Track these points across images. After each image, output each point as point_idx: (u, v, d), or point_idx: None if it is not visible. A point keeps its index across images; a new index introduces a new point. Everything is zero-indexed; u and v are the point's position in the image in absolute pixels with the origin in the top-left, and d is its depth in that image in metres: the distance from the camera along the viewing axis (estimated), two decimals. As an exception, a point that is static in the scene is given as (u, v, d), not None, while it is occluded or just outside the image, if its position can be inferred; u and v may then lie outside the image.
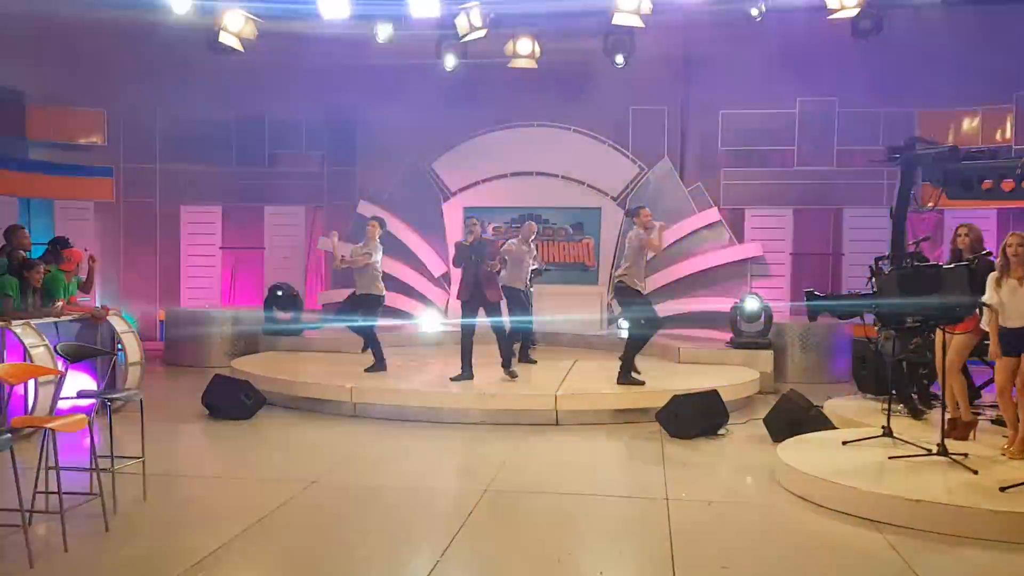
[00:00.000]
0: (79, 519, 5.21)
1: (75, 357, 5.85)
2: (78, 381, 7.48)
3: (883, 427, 6.68)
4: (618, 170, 13.74)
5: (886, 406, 6.98)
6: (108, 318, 8.88)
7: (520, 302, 10.48)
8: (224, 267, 14.69)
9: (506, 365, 9.21)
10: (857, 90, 13.29)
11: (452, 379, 9.04)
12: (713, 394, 8.20)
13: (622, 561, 4.86)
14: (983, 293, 6.07)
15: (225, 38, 11.69)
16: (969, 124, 13.17)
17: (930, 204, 11.92)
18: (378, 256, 9.82)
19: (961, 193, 6.87)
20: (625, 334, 9.87)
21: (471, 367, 9.12)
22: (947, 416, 6.52)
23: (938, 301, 5.87)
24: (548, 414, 8.40)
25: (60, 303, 8.40)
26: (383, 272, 9.98)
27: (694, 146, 14.07)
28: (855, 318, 6.62)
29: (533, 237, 11.02)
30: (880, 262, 6.60)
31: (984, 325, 6.21)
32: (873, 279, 6.40)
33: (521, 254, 10.57)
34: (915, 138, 7.25)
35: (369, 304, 9.79)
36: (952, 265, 6.36)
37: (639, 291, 9.05)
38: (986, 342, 7.06)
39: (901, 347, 7.83)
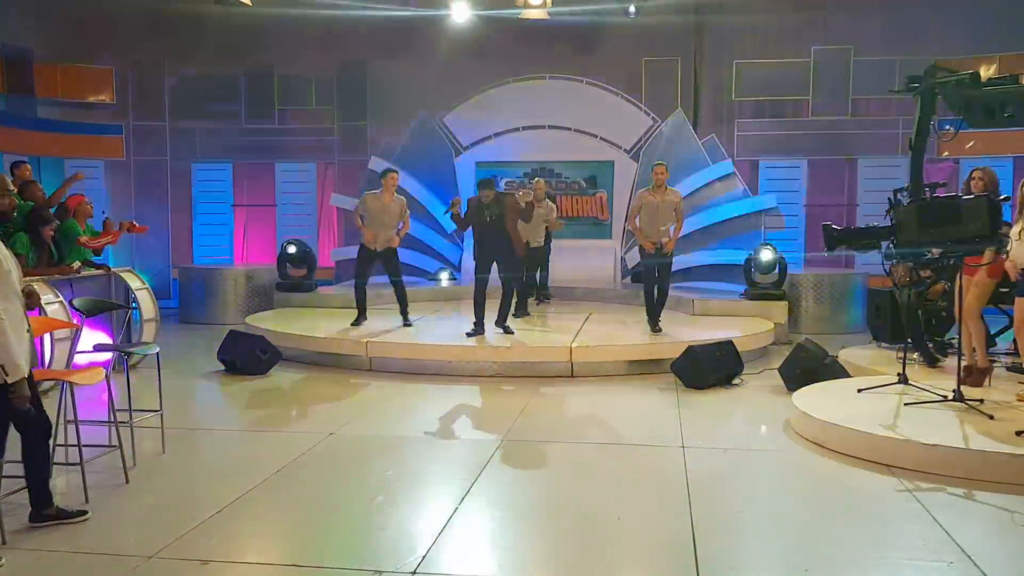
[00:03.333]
0: (99, 471, 5.27)
1: (90, 311, 5.86)
2: (94, 337, 7.51)
3: (898, 374, 6.67)
4: (631, 122, 13.60)
5: (901, 354, 6.95)
6: (122, 275, 8.91)
7: (534, 259, 10.83)
8: (236, 224, 14.69)
9: (500, 321, 9.16)
10: (873, 38, 13.10)
11: (467, 334, 9.03)
12: (728, 344, 8.19)
13: (640, 507, 4.88)
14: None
15: (232, -8, 11.57)
16: (987, 72, 12.92)
17: (946, 153, 11.82)
18: None
19: (984, 121, 6.71)
20: None
21: (483, 322, 9.13)
22: (963, 363, 6.49)
23: (957, 232, 5.78)
24: (563, 366, 8.41)
25: (77, 264, 8.41)
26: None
27: (708, 97, 13.91)
28: (873, 251, 6.54)
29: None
30: (899, 194, 6.49)
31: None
32: (892, 211, 6.29)
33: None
34: (935, 66, 7.07)
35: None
36: (972, 196, 6.26)
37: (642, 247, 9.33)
38: (1003, 289, 7.03)
39: (917, 296, 7.78)
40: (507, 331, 9.04)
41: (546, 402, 7.46)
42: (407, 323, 9.65)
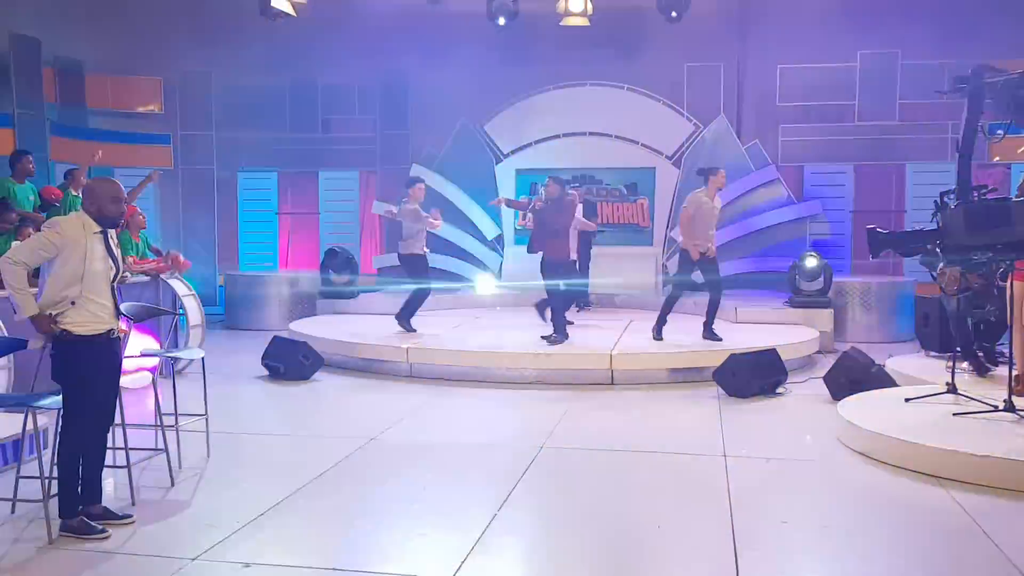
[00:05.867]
0: (146, 473, 5.36)
1: (138, 317, 5.96)
2: (141, 342, 7.64)
3: (947, 384, 6.53)
4: (673, 128, 13.53)
5: (950, 363, 6.82)
6: (169, 281, 9.06)
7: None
8: (280, 232, 14.89)
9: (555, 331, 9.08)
10: (920, 41, 12.86)
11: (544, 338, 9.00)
12: (771, 352, 8.09)
13: (680, 516, 4.83)
14: None
15: (277, 2, 11.71)
16: (1038, 74, 12.65)
17: (997, 157, 11.57)
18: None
19: None
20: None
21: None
22: (1014, 372, 6.34)
23: (1007, 236, 5.64)
24: (603, 373, 8.38)
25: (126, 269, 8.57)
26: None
27: (751, 102, 13.78)
28: (919, 255, 6.42)
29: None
30: (946, 196, 6.34)
31: None
32: (938, 214, 6.16)
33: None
34: (982, 66, 6.92)
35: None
36: (1023, 199, 6.11)
37: (687, 254, 9.04)
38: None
39: (967, 304, 7.63)
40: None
41: (585, 410, 7.42)
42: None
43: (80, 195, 8.68)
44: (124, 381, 5.07)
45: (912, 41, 12.90)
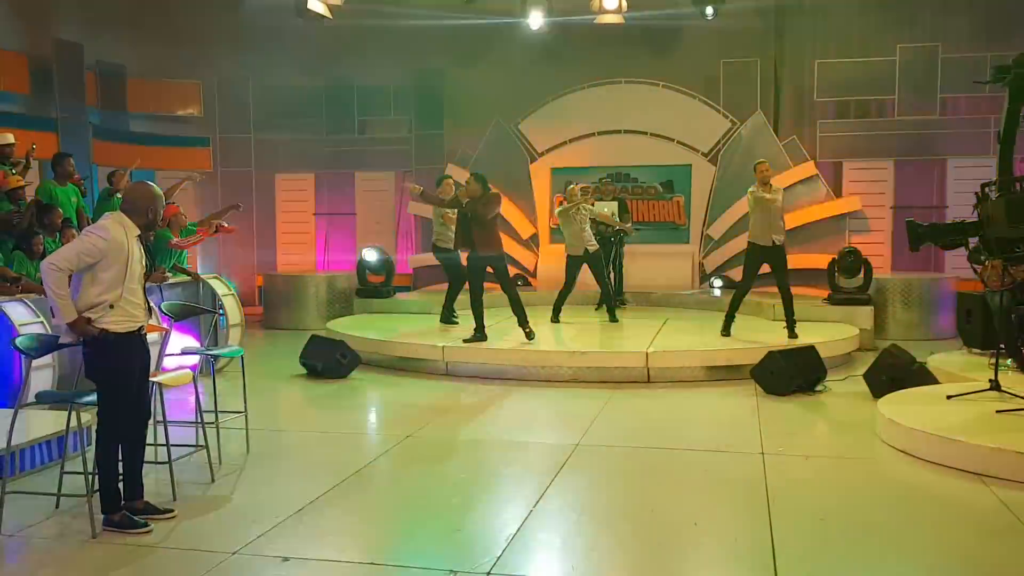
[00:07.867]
0: (186, 470, 5.43)
1: (179, 316, 6.05)
2: (182, 341, 7.75)
3: (990, 381, 6.42)
4: (709, 125, 13.42)
5: (993, 360, 6.70)
6: (209, 282, 9.19)
7: (573, 268, 10.46)
8: (318, 232, 15.02)
9: (521, 325, 9.02)
10: (961, 34, 12.65)
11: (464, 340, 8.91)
12: (810, 350, 8.01)
13: (717, 513, 4.81)
14: None
15: (314, 5, 11.80)
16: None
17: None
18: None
19: None
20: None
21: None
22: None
23: None
24: (639, 371, 8.34)
25: (165, 271, 8.70)
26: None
27: (788, 98, 13.61)
28: (959, 248, 6.30)
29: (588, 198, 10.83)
30: (987, 188, 6.22)
31: None
32: (980, 206, 6.04)
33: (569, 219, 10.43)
34: None
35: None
36: None
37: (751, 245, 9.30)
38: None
39: (1011, 299, 7.49)
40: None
41: (622, 407, 7.40)
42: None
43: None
44: (164, 379, 5.15)
45: (953, 34, 12.69)
